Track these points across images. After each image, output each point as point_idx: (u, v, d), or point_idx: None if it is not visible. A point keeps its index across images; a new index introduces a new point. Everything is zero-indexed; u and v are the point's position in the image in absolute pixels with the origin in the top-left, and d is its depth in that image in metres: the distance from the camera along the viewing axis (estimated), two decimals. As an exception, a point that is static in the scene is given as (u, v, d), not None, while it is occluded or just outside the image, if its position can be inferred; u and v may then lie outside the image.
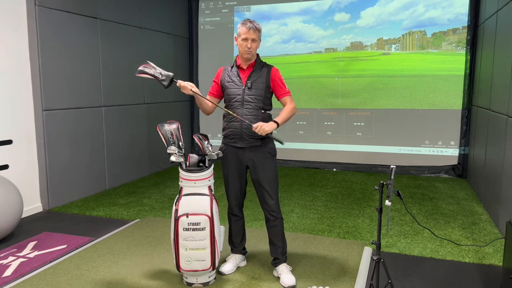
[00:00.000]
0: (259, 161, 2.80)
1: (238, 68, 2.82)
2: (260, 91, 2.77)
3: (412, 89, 6.13)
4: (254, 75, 2.79)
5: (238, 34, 2.75)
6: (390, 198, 2.30)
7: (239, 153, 2.82)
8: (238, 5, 6.89)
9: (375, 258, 2.43)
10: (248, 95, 2.76)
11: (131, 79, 5.79)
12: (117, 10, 5.47)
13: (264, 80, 2.78)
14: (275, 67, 2.85)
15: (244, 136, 2.77)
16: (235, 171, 2.86)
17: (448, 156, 6.03)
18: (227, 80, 2.82)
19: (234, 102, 2.78)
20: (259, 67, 2.81)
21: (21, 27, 4.29)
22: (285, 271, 2.84)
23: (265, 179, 2.80)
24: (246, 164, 2.84)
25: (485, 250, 3.39)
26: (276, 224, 2.86)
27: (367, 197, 4.94)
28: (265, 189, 2.81)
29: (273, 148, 2.87)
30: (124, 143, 5.68)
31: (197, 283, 2.78)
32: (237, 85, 2.79)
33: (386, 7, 6.21)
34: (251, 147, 2.79)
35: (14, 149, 4.25)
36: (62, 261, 3.19)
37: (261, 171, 2.80)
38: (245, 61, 2.80)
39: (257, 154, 2.80)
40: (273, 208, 2.83)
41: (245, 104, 2.76)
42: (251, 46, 2.70)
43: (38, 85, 4.40)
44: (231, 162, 2.85)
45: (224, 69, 2.88)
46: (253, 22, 2.72)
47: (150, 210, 4.53)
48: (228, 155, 2.86)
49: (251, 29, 2.69)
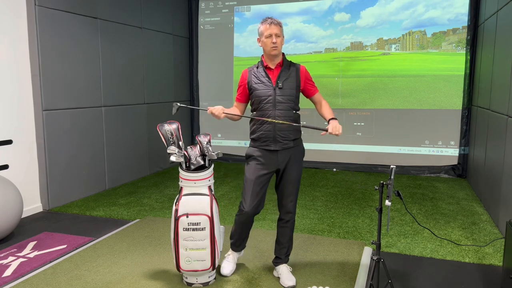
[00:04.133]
0: (291, 162, 2.72)
1: (266, 68, 2.71)
2: (291, 91, 2.68)
3: (412, 89, 6.13)
4: (284, 75, 2.69)
5: (260, 33, 2.66)
6: (390, 198, 2.30)
7: (271, 157, 2.70)
8: (238, 5, 6.89)
9: (375, 258, 2.43)
10: (280, 96, 2.65)
11: (131, 79, 5.79)
12: (117, 10, 5.47)
13: (294, 79, 2.70)
14: (302, 65, 2.77)
15: (277, 138, 2.67)
16: (264, 177, 2.72)
17: (448, 156, 6.03)
18: (255, 82, 2.69)
19: (266, 103, 2.65)
20: (287, 66, 2.72)
21: (21, 27, 4.29)
22: (285, 271, 2.84)
23: (293, 180, 2.75)
24: (278, 168, 2.72)
25: (485, 250, 3.39)
26: (288, 225, 2.84)
27: (367, 197, 4.94)
28: (290, 189, 2.76)
29: (303, 148, 2.82)
30: (124, 143, 5.67)
31: (197, 283, 2.78)
32: (266, 85, 2.67)
33: (386, 7, 6.21)
34: (284, 149, 2.70)
35: (14, 149, 4.25)
36: (62, 261, 3.19)
37: (290, 171, 2.73)
38: (272, 60, 2.69)
39: (289, 155, 2.71)
40: (291, 209, 2.79)
41: (277, 105, 2.65)
42: (276, 41, 2.61)
43: (38, 85, 4.40)
44: (261, 167, 2.70)
45: (249, 70, 2.75)
46: (273, 18, 2.66)
47: (150, 210, 4.53)
48: (258, 159, 2.71)
49: (272, 23, 2.62)
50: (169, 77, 6.65)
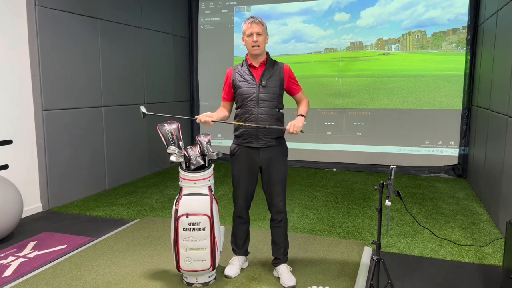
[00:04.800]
0: (273, 161, 2.76)
1: (250, 67, 2.76)
2: (275, 89, 2.72)
3: (412, 89, 6.13)
4: (267, 73, 2.73)
5: (243, 32, 2.72)
6: (390, 198, 2.30)
7: (253, 154, 2.76)
8: (238, 5, 6.89)
9: (375, 258, 2.43)
10: (263, 94, 2.70)
11: (131, 79, 5.79)
12: (117, 10, 5.47)
13: (278, 78, 2.74)
14: (286, 64, 2.81)
15: (260, 136, 2.72)
16: (248, 172, 2.80)
17: (448, 156, 6.03)
18: (239, 80, 2.75)
19: (249, 101, 2.71)
20: (271, 64, 2.76)
21: (21, 27, 4.29)
22: (285, 271, 2.84)
23: (277, 180, 2.78)
24: (260, 165, 2.78)
25: (485, 250, 3.39)
26: (281, 224, 2.85)
27: (367, 197, 4.94)
28: (276, 189, 2.78)
29: (286, 148, 2.85)
30: (124, 143, 5.67)
31: (197, 283, 2.78)
32: (250, 84, 2.72)
33: (386, 7, 6.21)
34: (266, 147, 2.74)
35: (14, 149, 4.25)
36: (62, 261, 3.19)
37: (274, 171, 2.76)
38: (256, 59, 2.74)
39: (271, 154, 2.76)
40: (281, 208, 2.81)
41: (260, 103, 2.70)
42: (257, 40, 2.65)
43: (38, 85, 4.40)
44: (244, 163, 2.79)
45: (234, 68, 2.81)
46: (255, 17, 2.70)
47: (150, 210, 4.53)
48: (240, 156, 2.79)
49: (253, 23, 2.67)
50: (169, 77, 6.65)
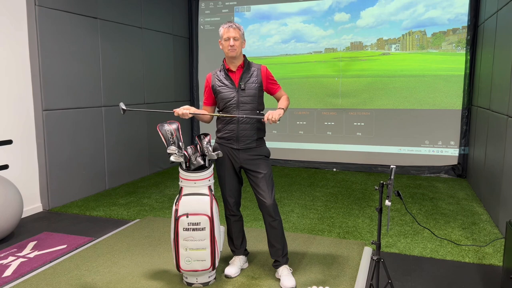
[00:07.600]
0: (253, 162, 2.81)
1: (228, 71, 2.82)
2: (254, 91, 2.79)
3: (412, 89, 6.13)
4: (245, 76, 2.79)
5: (220, 36, 2.77)
6: (390, 198, 2.30)
7: (234, 154, 2.83)
8: (238, 5, 6.89)
9: (375, 258, 2.43)
10: (243, 97, 2.77)
11: (131, 79, 5.79)
12: (117, 10, 5.47)
13: (256, 79, 2.80)
14: (263, 65, 2.87)
15: (240, 138, 2.78)
16: (231, 169, 2.87)
17: (448, 156, 6.03)
18: (219, 85, 2.81)
19: (229, 105, 2.78)
20: (248, 67, 2.82)
21: (21, 27, 4.29)
22: (285, 273, 2.83)
23: (261, 181, 2.80)
24: (240, 165, 2.84)
25: (485, 250, 3.39)
26: (275, 226, 2.84)
27: (367, 197, 4.94)
28: (261, 190, 2.80)
29: (266, 150, 2.90)
30: (124, 143, 5.68)
31: (197, 283, 2.78)
32: (229, 88, 2.78)
33: (386, 7, 6.21)
34: (246, 148, 2.80)
35: (14, 149, 4.26)
36: (62, 261, 3.19)
37: (256, 172, 2.81)
38: (232, 62, 2.80)
39: (251, 155, 2.81)
40: (270, 209, 2.81)
41: (241, 106, 2.76)
42: (234, 44, 2.71)
43: (38, 85, 4.40)
44: (226, 161, 2.86)
45: (213, 74, 2.87)
46: (232, 22, 2.77)
47: (150, 210, 4.53)
48: (223, 155, 2.86)
49: (230, 27, 2.72)
50: (169, 77, 6.65)
